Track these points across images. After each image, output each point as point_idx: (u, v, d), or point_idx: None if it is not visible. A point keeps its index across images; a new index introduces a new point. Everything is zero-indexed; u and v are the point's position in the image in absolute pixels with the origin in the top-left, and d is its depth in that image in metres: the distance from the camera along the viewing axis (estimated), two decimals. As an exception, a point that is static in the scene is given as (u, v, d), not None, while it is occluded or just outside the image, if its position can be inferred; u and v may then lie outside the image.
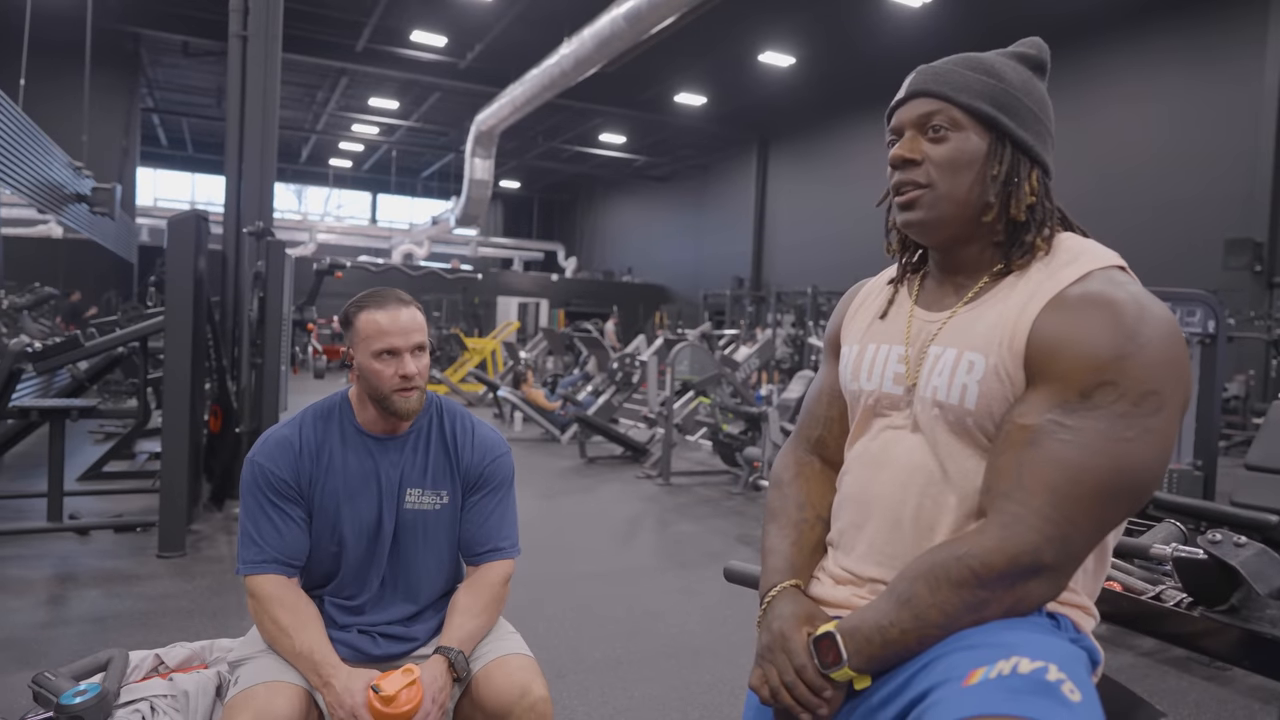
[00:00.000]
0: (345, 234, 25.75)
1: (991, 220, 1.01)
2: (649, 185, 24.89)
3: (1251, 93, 10.46)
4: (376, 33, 14.18)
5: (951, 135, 1.01)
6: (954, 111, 1.01)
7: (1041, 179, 1.03)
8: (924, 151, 1.02)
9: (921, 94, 1.03)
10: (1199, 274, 10.16)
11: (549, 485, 6.56)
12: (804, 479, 1.21)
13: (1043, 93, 1.06)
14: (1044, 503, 0.89)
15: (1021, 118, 1.01)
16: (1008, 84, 1.02)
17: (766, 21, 13.23)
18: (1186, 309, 4.05)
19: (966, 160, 1.00)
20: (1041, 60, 1.08)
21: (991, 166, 1.00)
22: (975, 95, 1.01)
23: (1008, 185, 1.00)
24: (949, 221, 1.02)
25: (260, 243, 4.34)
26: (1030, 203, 1.01)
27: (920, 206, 1.02)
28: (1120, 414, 0.88)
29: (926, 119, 1.02)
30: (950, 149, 1.01)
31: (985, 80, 1.01)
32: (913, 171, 1.02)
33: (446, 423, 1.70)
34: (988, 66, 1.03)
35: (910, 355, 1.06)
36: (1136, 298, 0.92)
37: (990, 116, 1.00)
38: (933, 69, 1.05)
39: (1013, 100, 1.01)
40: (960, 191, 1.00)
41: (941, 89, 1.02)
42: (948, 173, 1.00)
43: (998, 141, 1.01)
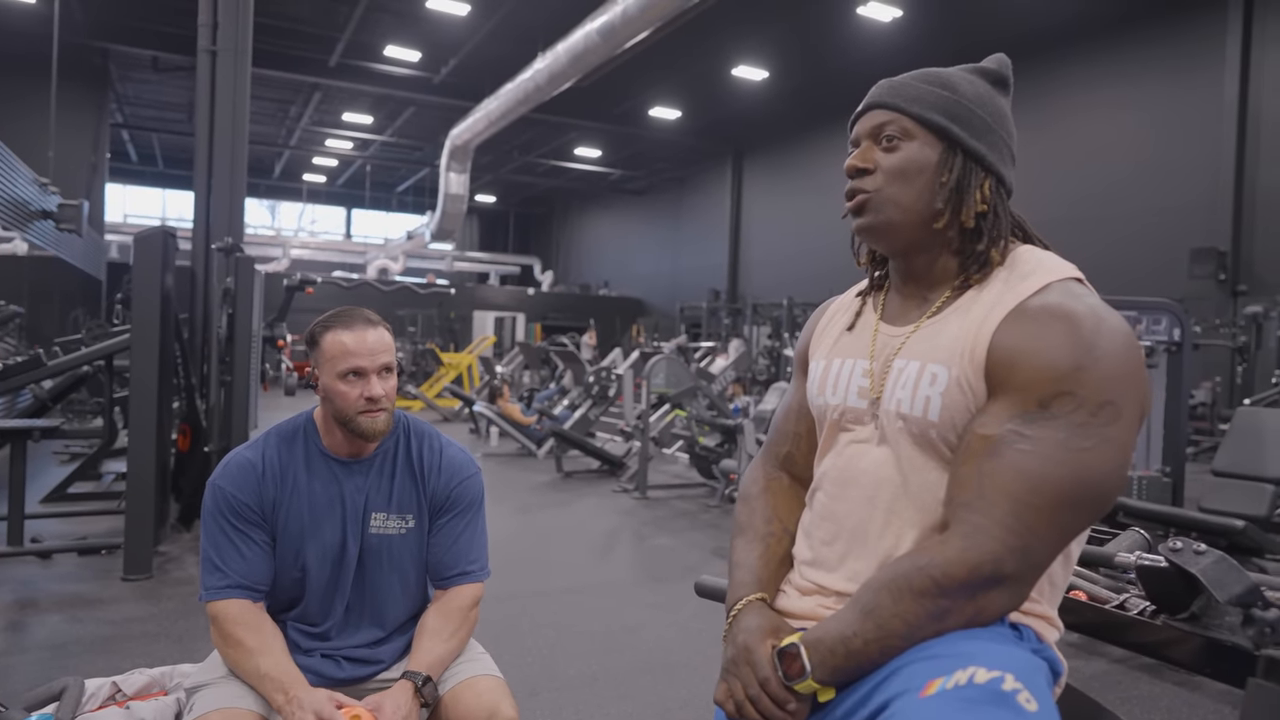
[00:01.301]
0: (319, 249, 25.56)
1: (943, 228, 1.03)
2: (625, 198, 24.97)
3: (1212, 107, 10.69)
4: (350, 48, 14.14)
5: (903, 144, 1.03)
6: (906, 121, 1.03)
7: (995, 189, 1.04)
8: (876, 160, 1.04)
9: (877, 106, 1.06)
10: (1166, 283, 10.34)
11: (525, 500, 6.52)
12: (771, 494, 1.21)
13: (1000, 106, 1.07)
14: (1005, 512, 0.89)
15: (974, 128, 1.03)
16: (961, 96, 1.04)
17: (739, 36, 13.35)
18: (1153, 318, 4.11)
19: (916, 168, 1.02)
20: (1002, 75, 1.09)
21: (942, 174, 1.02)
22: (927, 106, 1.03)
23: (958, 193, 1.02)
24: (898, 227, 1.04)
25: (229, 259, 4.28)
26: (981, 210, 1.02)
27: (868, 211, 1.04)
28: (1078, 424, 0.89)
29: (880, 129, 1.05)
30: (900, 157, 1.03)
31: (939, 92, 1.04)
32: (864, 180, 1.04)
33: (414, 444, 1.67)
34: (944, 80, 1.05)
35: (875, 369, 1.07)
36: (1094, 310, 0.93)
37: (941, 126, 1.02)
38: (890, 82, 1.07)
39: (965, 111, 1.03)
40: (909, 198, 1.02)
41: (895, 100, 1.04)
42: (897, 180, 1.02)
43: (949, 150, 1.02)
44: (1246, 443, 3.72)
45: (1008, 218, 1.05)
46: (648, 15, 9.89)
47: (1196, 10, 10.93)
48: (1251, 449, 3.69)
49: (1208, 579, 0.93)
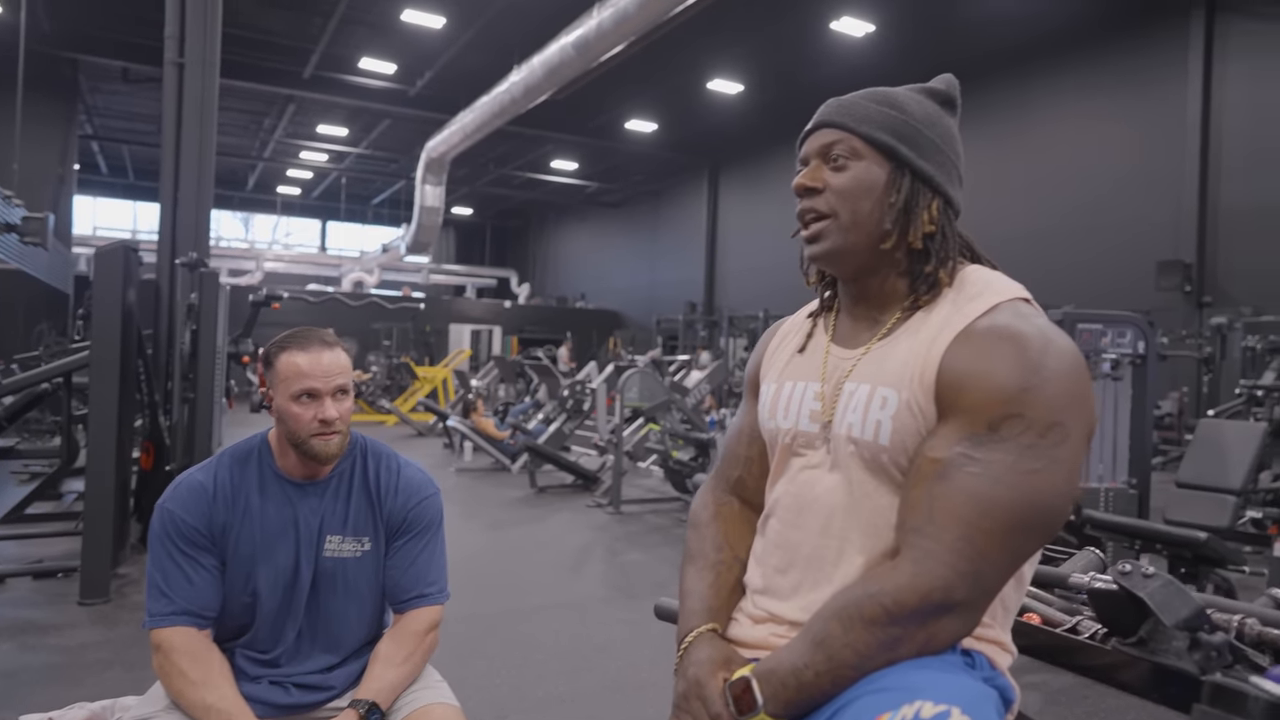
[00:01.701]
0: (293, 262, 25.33)
1: (891, 248, 1.02)
2: (601, 211, 24.99)
3: (1177, 124, 10.90)
4: (324, 60, 14.07)
5: (851, 164, 1.03)
6: (854, 141, 1.03)
7: (943, 209, 1.04)
8: (825, 180, 1.04)
9: (825, 125, 1.06)
10: (1134, 295, 10.50)
11: (498, 516, 6.46)
12: (722, 519, 1.20)
13: (948, 127, 1.07)
14: (955, 537, 0.88)
15: (922, 148, 1.03)
16: (909, 116, 1.03)
17: (714, 50, 13.44)
18: (1118, 331, 4.16)
19: (865, 188, 1.02)
20: (950, 95, 1.09)
21: (890, 195, 1.02)
22: (875, 126, 1.02)
23: (906, 213, 1.02)
24: (848, 249, 1.03)
25: (193, 274, 4.22)
26: (929, 231, 1.02)
27: (824, 238, 1.04)
28: (1027, 446, 0.89)
29: (828, 149, 1.04)
30: (849, 177, 1.02)
31: (887, 112, 1.03)
32: (814, 200, 1.04)
33: (370, 465, 1.65)
34: (892, 99, 1.05)
35: (826, 392, 1.06)
36: (1041, 330, 0.93)
37: (889, 146, 1.02)
38: (839, 101, 1.07)
39: (913, 131, 1.03)
40: (858, 218, 1.02)
41: (843, 120, 1.04)
42: (847, 201, 1.02)
43: (897, 171, 1.02)
44: (1209, 454, 3.77)
45: (955, 238, 1.05)
46: (622, 29, 9.93)
47: (1161, 32, 11.16)
48: (1214, 460, 3.74)
49: (1155, 603, 0.93)
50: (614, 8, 9.76)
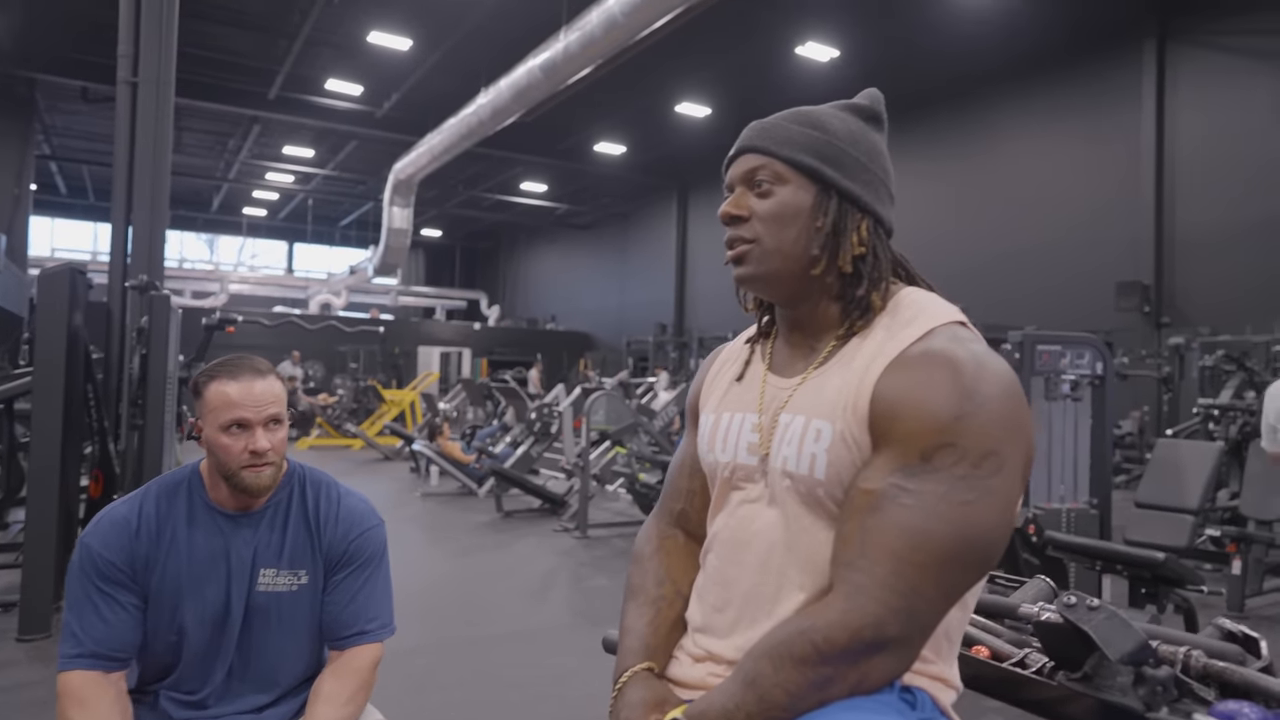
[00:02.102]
0: (259, 284, 24.99)
1: (821, 273, 1.00)
2: (571, 233, 25.00)
3: (1132, 146, 11.17)
4: (289, 80, 13.97)
5: (776, 189, 1.00)
6: (777, 165, 1.00)
7: (873, 229, 1.01)
8: (750, 207, 1.01)
9: (748, 150, 1.03)
10: (1094, 315, 10.68)
11: (463, 541, 6.36)
12: (665, 553, 1.16)
13: (874, 143, 1.04)
14: (887, 571, 0.85)
15: (847, 168, 1.00)
16: (832, 135, 1.01)
17: (681, 73, 13.55)
18: (1076, 352, 4.19)
19: (791, 213, 0.99)
20: (875, 111, 1.07)
21: (816, 218, 0.99)
22: (798, 148, 1.00)
23: (834, 236, 0.99)
24: (778, 276, 1.01)
25: (144, 297, 4.11)
26: (859, 253, 0.99)
27: (748, 261, 1.01)
28: (961, 476, 0.86)
29: (752, 174, 1.02)
30: (774, 203, 1.00)
31: (809, 133, 1.01)
32: (740, 227, 1.01)
33: (310, 495, 1.59)
34: (814, 119, 1.02)
35: (763, 424, 1.03)
36: (976, 355, 0.91)
37: (813, 168, 0.99)
38: (761, 124, 1.04)
39: (837, 151, 1.00)
40: (786, 245, 0.99)
41: (765, 144, 1.01)
42: (773, 226, 0.99)
43: (823, 193, 1.00)
44: (1166, 474, 3.80)
45: (888, 258, 1.02)
46: (589, 53, 9.97)
47: (1116, 60, 11.45)
48: (1171, 480, 3.77)
49: (1098, 636, 0.90)
50: (580, 31, 9.80)
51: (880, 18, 11.53)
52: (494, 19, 11.58)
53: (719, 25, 11.05)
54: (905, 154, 14.43)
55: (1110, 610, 0.92)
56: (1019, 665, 1.07)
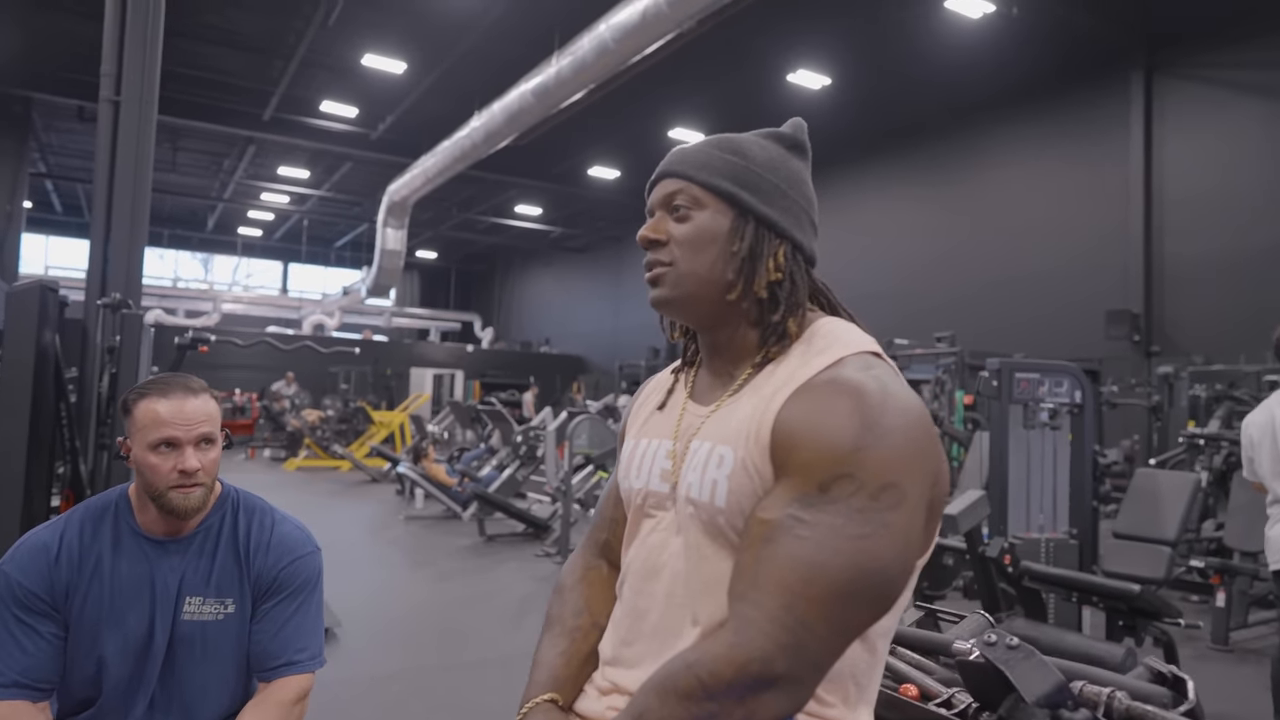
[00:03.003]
0: (253, 304, 24.99)
1: (737, 299, 0.98)
2: (566, 256, 25.07)
3: (1121, 176, 11.24)
4: (284, 102, 14.04)
5: (693, 214, 0.99)
6: (695, 190, 1.00)
7: (791, 255, 1.00)
8: (669, 231, 1.01)
9: (667, 175, 1.03)
10: (1085, 343, 10.68)
11: (444, 566, 6.29)
12: (586, 584, 1.14)
13: (795, 170, 1.03)
14: (778, 605, 0.82)
15: (765, 194, 0.99)
16: (751, 161, 1.00)
17: (674, 99, 13.65)
18: (1055, 380, 4.17)
19: (708, 238, 0.98)
20: (797, 139, 1.06)
21: (733, 243, 0.98)
22: (715, 173, 0.99)
23: (751, 261, 0.98)
24: (694, 300, 0.99)
25: (115, 315, 4.07)
26: (775, 279, 0.98)
27: (663, 284, 1.00)
28: (858, 509, 0.83)
29: (671, 199, 1.01)
30: (691, 227, 0.99)
31: (728, 158, 1.00)
32: (658, 251, 1.01)
33: (242, 521, 1.56)
34: (734, 146, 1.02)
35: (677, 450, 1.01)
36: (883, 385, 0.88)
37: (730, 193, 0.99)
38: (681, 150, 1.04)
39: (755, 177, 0.99)
40: (702, 269, 0.98)
41: (684, 169, 1.01)
42: (689, 251, 0.99)
43: (740, 218, 0.99)
44: (1144, 505, 3.76)
45: (806, 286, 1.01)
46: (581, 77, 10.04)
47: (1105, 91, 11.55)
48: (1149, 511, 3.73)
49: (1015, 677, 0.87)
50: (572, 56, 9.87)
51: (871, 47, 11.64)
52: (487, 43, 11.67)
53: (711, 52, 11.14)
54: (897, 181, 14.52)
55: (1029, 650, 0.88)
56: (944, 705, 1.03)
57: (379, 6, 11.09)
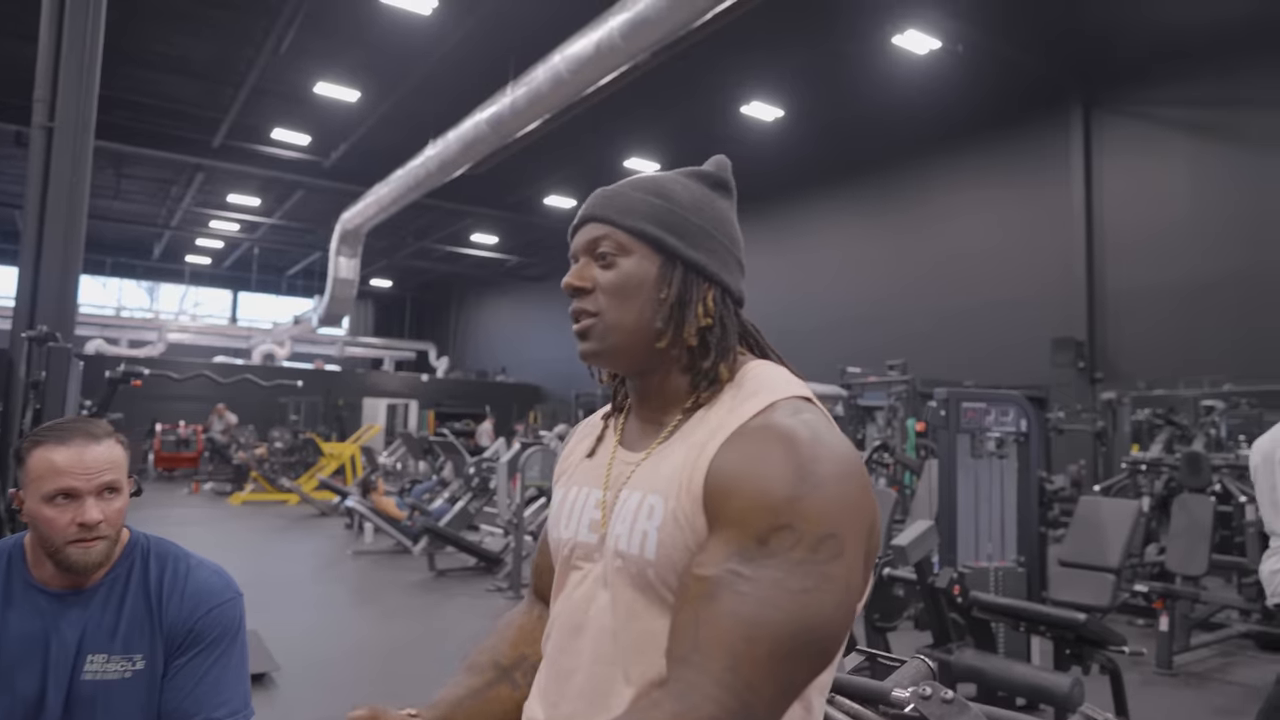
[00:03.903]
0: (200, 333, 24.39)
1: (667, 346, 0.95)
2: (522, 285, 24.99)
3: (1064, 208, 11.60)
4: (235, 129, 13.85)
5: (619, 260, 0.96)
6: (620, 235, 0.96)
7: (720, 299, 0.97)
8: (594, 278, 0.97)
9: (590, 219, 0.99)
10: (1031, 371, 10.90)
11: (391, 603, 6.12)
12: (506, 626, 1.13)
13: (720, 210, 1.01)
14: (721, 668, 0.78)
15: (691, 237, 0.96)
16: (675, 203, 0.97)
17: (630, 129, 13.76)
18: (1001, 409, 4.22)
19: (635, 285, 0.95)
20: (721, 178, 1.03)
21: (661, 289, 0.94)
22: (640, 217, 0.96)
23: (680, 308, 0.94)
24: (623, 351, 0.96)
25: (41, 349, 3.91)
26: (705, 325, 0.95)
27: (592, 337, 0.96)
28: (798, 561, 0.80)
29: (595, 244, 0.97)
30: (617, 274, 0.95)
31: (652, 201, 0.97)
32: (584, 300, 0.97)
33: (153, 569, 1.46)
34: (657, 187, 0.98)
35: (607, 500, 0.97)
36: (815, 431, 0.85)
37: (655, 238, 0.95)
38: (604, 193, 1.00)
39: (679, 220, 0.96)
40: (629, 319, 0.94)
41: (607, 213, 0.97)
42: (615, 299, 0.95)
43: (667, 264, 0.95)
44: (1088, 532, 3.81)
45: (736, 329, 0.98)
46: (536, 108, 10.05)
47: (1047, 126, 11.95)
48: (1093, 539, 3.78)
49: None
50: (527, 87, 9.89)
51: (823, 80, 11.88)
52: (442, 73, 11.66)
53: (665, 83, 11.27)
54: (849, 212, 14.77)
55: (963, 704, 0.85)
56: (880, 760, 0.99)
57: (331, 35, 11.02)
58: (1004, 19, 10.15)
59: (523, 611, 1.14)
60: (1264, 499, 2.90)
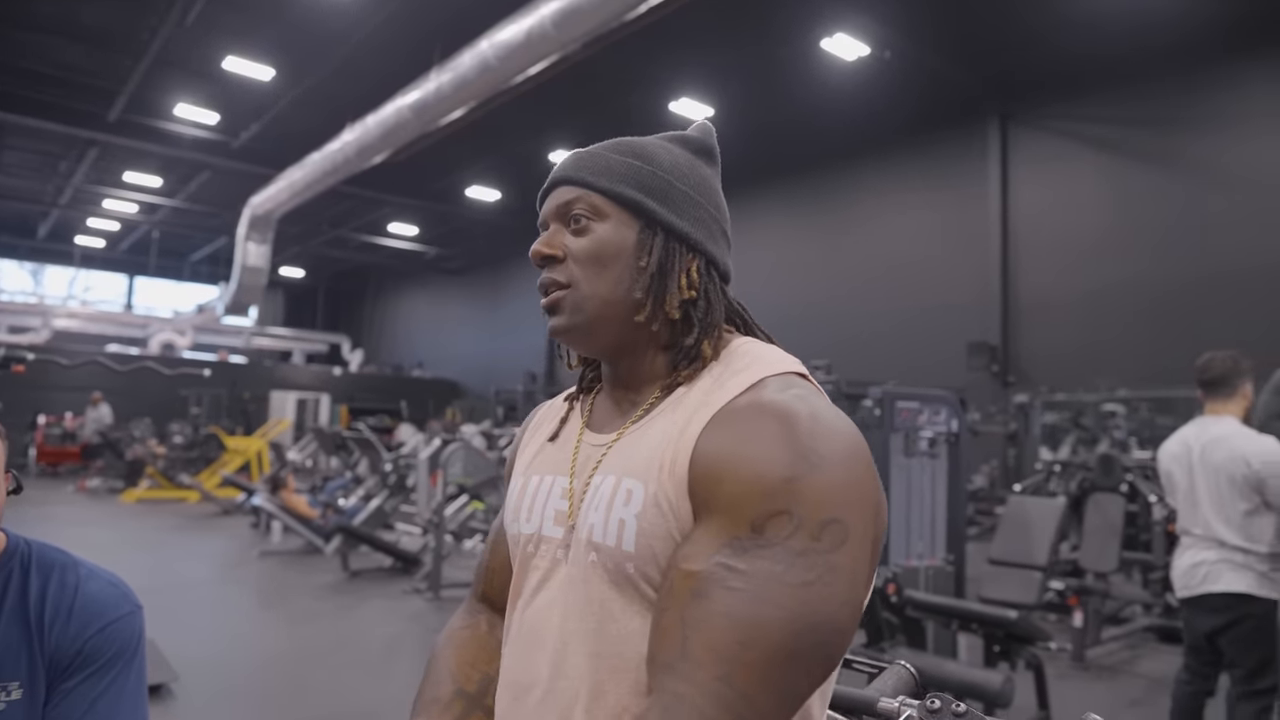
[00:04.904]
0: (91, 320, 22.84)
1: (646, 320, 0.85)
2: (442, 278, 24.41)
3: (981, 217, 11.98)
4: (134, 103, 12.99)
5: (594, 225, 0.86)
6: (594, 198, 0.86)
7: (705, 270, 0.87)
8: (565, 245, 0.86)
9: (562, 182, 0.89)
10: (948, 374, 11.22)
11: (300, 607, 5.80)
12: (455, 647, 0.98)
13: (705, 177, 0.91)
14: (713, 676, 0.68)
15: (674, 202, 0.87)
16: (657, 166, 0.87)
17: (558, 122, 13.56)
18: (933, 408, 4.25)
19: (612, 252, 0.85)
20: (706, 144, 0.94)
21: (640, 258, 0.85)
22: (617, 179, 0.86)
23: (661, 278, 0.85)
24: (598, 325, 0.85)
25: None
26: (688, 297, 0.85)
27: (563, 310, 0.86)
28: (798, 551, 0.70)
29: (568, 208, 0.87)
30: (592, 241, 0.85)
31: (631, 163, 0.87)
32: (554, 270, 0.86)
33: (34, 583, 1.25)
34: (638, 149, 0.89)
35: (574, 488, 0.86)
36: (812, 408, 0.76)
37: (635, 201, 0.85)
38: (578, 154, 0.90)
39: (662, 183, 0.87)
40: (605, 289, 0.84)
41: (581, 174, 0.87)
42: (590, 269, 0.85)
43: (647, 230, 0.86)
44: (1016, 531, 3.87)
45: (721, 304, 0.88)
46: (462, 94, 9.77)
47: (967, 137, 12.32)
48: (1021, 537, 3.84)
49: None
50: (453, 73, 9.60)
51: (753, 81, 11.94)
52: (363, 54, 11.21)
53: (595, 76, 11.13)
54: (777, 214, 14.93)
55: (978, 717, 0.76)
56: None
57: (244, 9, 10.45)
58: (931, 29, 10.39)
59: (467, 624, 1.01)
60: (1183, 500, 3.01)
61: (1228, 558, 2.84)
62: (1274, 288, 8.99)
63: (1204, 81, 9.98)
